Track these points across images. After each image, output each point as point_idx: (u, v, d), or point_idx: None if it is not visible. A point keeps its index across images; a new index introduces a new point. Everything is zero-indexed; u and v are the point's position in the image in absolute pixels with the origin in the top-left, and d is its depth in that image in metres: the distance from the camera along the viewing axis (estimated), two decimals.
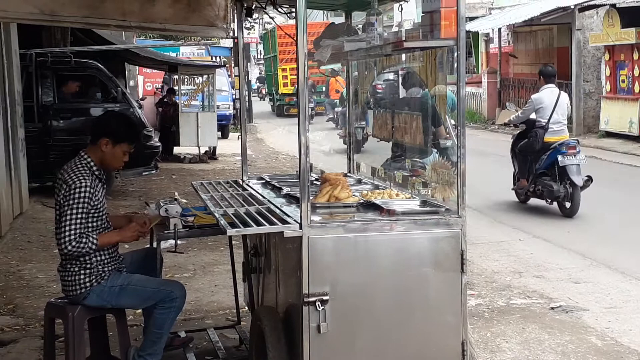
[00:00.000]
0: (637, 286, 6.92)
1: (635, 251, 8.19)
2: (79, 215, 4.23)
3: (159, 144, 13.40)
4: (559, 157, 9.95)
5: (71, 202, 4.24)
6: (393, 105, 5.66)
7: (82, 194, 4.25)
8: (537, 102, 10.32)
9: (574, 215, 9.98)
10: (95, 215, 4.36)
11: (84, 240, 4.23)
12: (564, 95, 10.44)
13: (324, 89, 28.40)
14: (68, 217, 4.22)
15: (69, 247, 4.21)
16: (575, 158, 9.97)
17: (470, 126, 23.42)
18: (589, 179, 10.07)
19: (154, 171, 12.58)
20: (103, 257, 4.41)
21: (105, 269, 4.41)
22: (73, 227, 4.21)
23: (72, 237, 4.21)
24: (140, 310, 5.04)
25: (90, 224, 4.32)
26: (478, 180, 12.07)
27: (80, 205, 4.24)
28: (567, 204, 10.09)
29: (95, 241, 4.26)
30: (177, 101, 17.77)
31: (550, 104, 10.18)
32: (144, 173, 12.53)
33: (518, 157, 10.84)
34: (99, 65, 12.70)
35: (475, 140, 19.51)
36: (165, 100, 19.01)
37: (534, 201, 10.76)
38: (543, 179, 10.24)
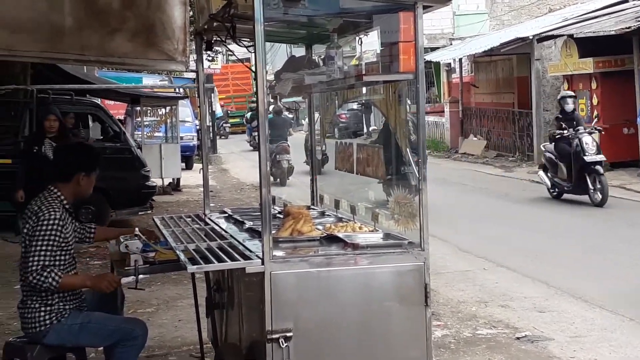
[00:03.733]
0: (600, 314, 6.96)
1: (598, 279, 8.25)
2: (48, 247, 4.19)
3: (155, 184, 13.31)
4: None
5: (41, 233, 4.19)
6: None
7: (53, 226, 4.22)
8: None
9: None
10: (65, 249, 4.32)
11: (45, 274, 4.15)
12: None
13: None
14: (36, 248, 4.18)
15: (30, 278, 4.15)
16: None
17: (434, 155, 23.61)
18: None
19: (149, 211, 12.40)
20: (65, 295, 4.34)
21: (67, 306, 4.34)
22: (41, 257, 4.17)
23: (37, 267, 4.15)
24: (102, 349, 4.94)
25: (57, 259, 4.26)
26: (442, 209, 12.15)
27: (50, 237, 4.20)
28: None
29: (57, 278, 4.18)
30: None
31: None
32: (139, 213, 12.37)
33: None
34: (99, 102, 12.62)
35: (439, 169, 19.66)
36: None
37: (493, 228, 10.87)
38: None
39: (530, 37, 19.15)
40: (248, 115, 32.35)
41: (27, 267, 4.16)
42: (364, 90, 5.05)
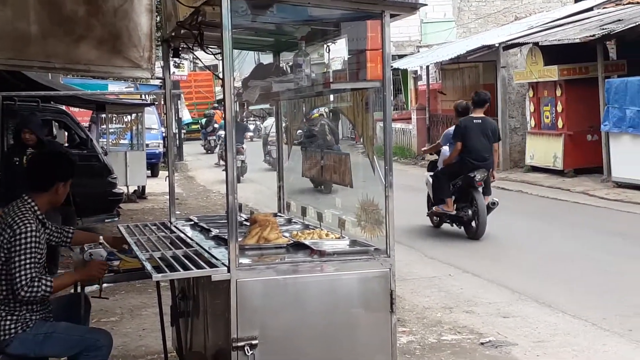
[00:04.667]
0: (564, 319, 7.04)
1: (562, 284, 8.35)
2: (31, 259, 4.16)
3: (122, 190, 13.18)
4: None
5: (21, 247, 4.16)
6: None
7: (31, 238, 4.19)
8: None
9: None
10: (41, 258, 4.29)
11: (36, 284, 4.15)
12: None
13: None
14: (19, 263, 4.14)
15: (22, 293, 4.13)
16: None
17: (401, 162, 23.71)
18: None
19: (116, 218, 12.26)
20: (33, 305, 4.31)
21: (33, 317, 4.31)
22: (27, 270, 4.13)
23: (26, 281, 4.12)
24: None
25: (40, 268, 4.24)
26: (408, 216, 12.21)
27: (32, 249, 4.17)
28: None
29: (49, 284, 4.19)
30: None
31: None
32: (106, 220, 12.23)
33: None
34: (66, 110, 12.49)
35: (406, 176, 19.74)
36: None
37: (458, 233, 10.96)
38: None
39: (497, 45, 19.35)
40: (203, 121, 34.89)
41: (15, 283, 4.13)
42: (332, 97, 5.06)
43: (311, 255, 4.02)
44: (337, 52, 4.91)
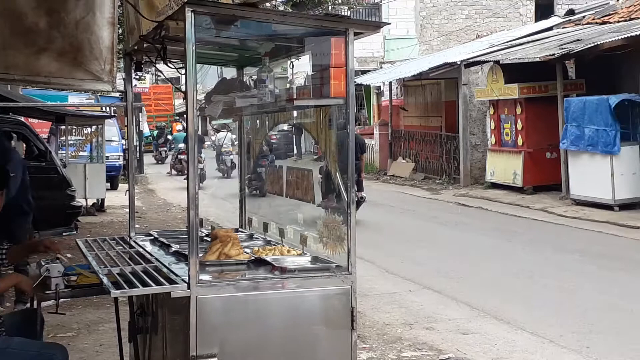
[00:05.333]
0: (522, 336, 7.10)
1: (520, 301, 8.42)
2: None
3: (81, 204, 12.99)
4: None
5: None
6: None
7: None
8: None
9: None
10: None
11: None
12: None
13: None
14: None
15: None
16: None
17: (363, 177, 23.78)
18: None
19: (74, 232, 12.06)
20: None
21: None
22: None
23: None
24: None
25: None
26: (371, 231, 12.26)
27: None
28: None
29: None
30: None
31: None
32: (64, 234, 12.02)
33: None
34: (24, 121, 12.30)
35: (368, 191, 19.75)
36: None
37: (420, 250, 10.99)
38: None
39: (458, 63, 19.55)
40: (155, 133, 36.16)
41: None
42: (295, 113, 5.05)
43: (272, 271, 3.99)
44: (301, 68, 4.91)
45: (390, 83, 24.90)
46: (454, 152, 20.70)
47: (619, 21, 17.48)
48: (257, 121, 5.70)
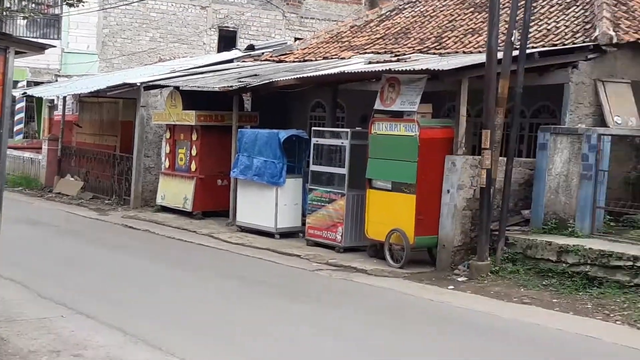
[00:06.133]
0: None
1: (181, 327, 8.32)
2: None
3: None
4: None
5: None
6: None
7: None
8: None
9: None
10: None
11: None
12: None
13: None
14: None
15: None
16: None
17: (26, 193, 22.52)
18: None
19: None
20: None
21: None
22: None
23: None
24: None
25: None
26: (25, 252, 11.47)
27: None
28: None
29: None
30: None
31: None
32: None
33: None
34: None
35: (30, 209, 18.74)
36: None
37: (81, 273, 10.51)
38: None
39: (138, 84, 19.25)
40: None
41: None
42: None
43: None
44: None
45: (65, 97, 23.84)
46: (127, 172, 20.27)
47: (294, 61, 18.48)
48: None
